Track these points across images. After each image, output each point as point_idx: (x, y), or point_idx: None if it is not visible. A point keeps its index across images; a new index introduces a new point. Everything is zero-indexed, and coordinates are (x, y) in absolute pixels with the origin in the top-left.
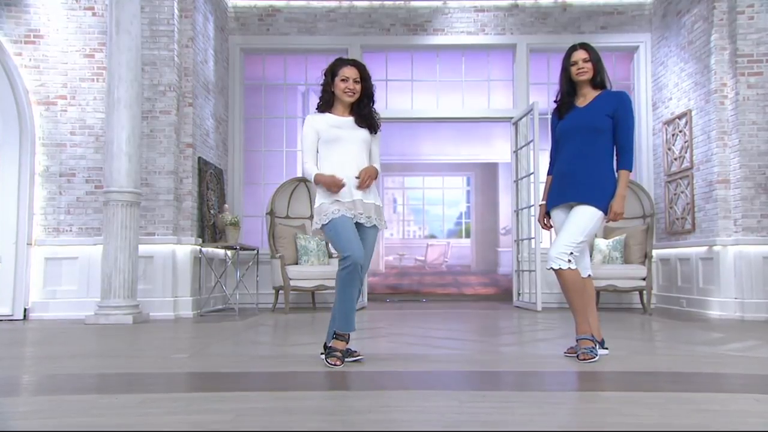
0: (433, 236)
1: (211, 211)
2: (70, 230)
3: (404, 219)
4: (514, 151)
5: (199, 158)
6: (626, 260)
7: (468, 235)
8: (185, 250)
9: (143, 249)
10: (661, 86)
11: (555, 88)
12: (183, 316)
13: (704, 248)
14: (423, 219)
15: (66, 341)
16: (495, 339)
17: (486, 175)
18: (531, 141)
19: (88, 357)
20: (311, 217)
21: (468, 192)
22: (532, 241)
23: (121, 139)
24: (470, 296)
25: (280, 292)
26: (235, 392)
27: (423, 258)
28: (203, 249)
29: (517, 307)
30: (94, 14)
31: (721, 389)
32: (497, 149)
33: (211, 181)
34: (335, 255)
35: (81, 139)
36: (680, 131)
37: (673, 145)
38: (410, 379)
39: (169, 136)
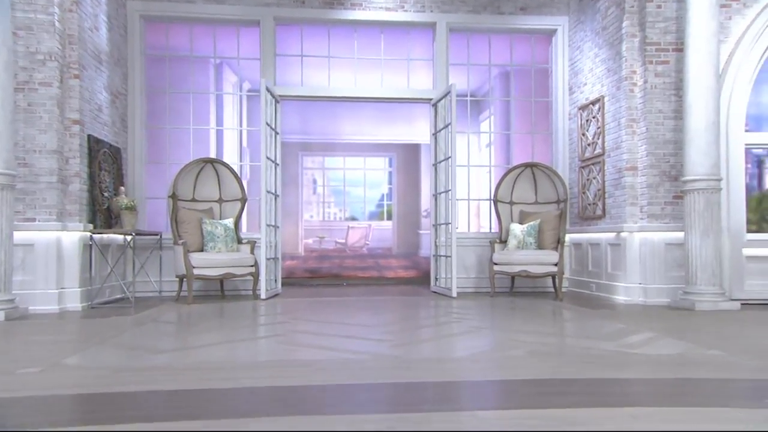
0: (354, 218)
1: (105, 194)
2: None
3: (324, 201)
4: (434, 134)
5: (90, 136)
6: (540, 245)
7: (389, 218)
8: (73, 237)
9: (21, 236)
10: (577, 71)
11: (475, 69)
12: (70, 309)
13: (613, 234)
14: (344, 201)
15: None
16: (404, 335)
17: (408, 156)
18: (449, 124)
19: None
20: (220, 200)
21: (390, 173)
22: (449, 225)
23: None
24: (391, 279)
25: (185, 280)
26: (78, 427)
27: (344, 241)
28: (94, 236)
29: (435, 292)
30: None
31: (600, 402)
32: (419, 130)
33: (105, 161)
34: (245, 241)
35: None
36: (594, 117)
37: (587, 130)
38: (288, 397)
39: (51, 111)
